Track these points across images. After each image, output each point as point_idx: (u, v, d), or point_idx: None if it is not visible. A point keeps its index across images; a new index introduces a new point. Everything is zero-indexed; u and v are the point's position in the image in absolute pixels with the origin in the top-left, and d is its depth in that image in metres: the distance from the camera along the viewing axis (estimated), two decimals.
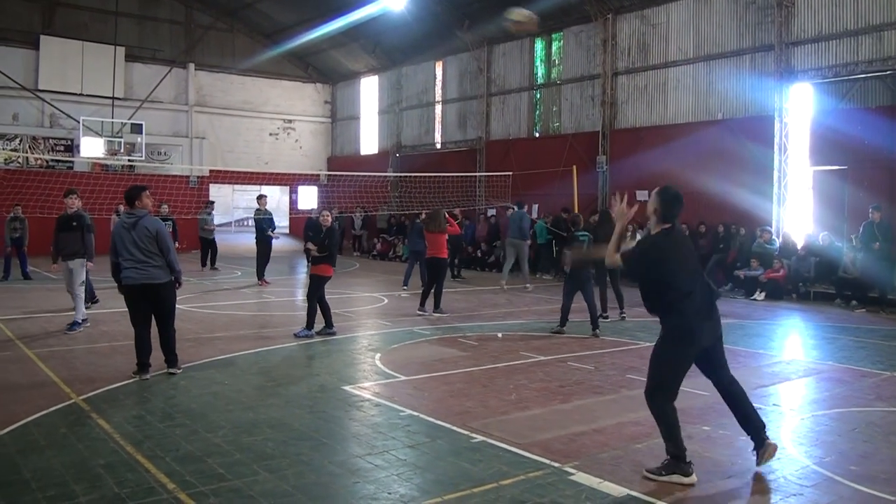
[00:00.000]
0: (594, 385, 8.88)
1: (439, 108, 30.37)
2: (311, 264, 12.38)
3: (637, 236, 21.57)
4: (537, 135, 26.20)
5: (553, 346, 11.47)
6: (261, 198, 20.55)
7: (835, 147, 17.91)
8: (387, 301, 16.68)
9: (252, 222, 23.95)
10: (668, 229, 5.93)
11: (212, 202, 25.27)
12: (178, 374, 9.24)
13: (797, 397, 8.71)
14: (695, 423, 7.21)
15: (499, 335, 12.34)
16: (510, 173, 25.10)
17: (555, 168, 23.50)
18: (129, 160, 29.68)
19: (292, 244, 31.59)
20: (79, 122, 28.39)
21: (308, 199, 35.45)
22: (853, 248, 16.96)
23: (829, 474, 5.92)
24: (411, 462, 6.13)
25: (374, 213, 30.31)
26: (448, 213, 21.04)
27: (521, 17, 15.15)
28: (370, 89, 34.40)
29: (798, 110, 19.05)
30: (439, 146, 30.28)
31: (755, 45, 19.50)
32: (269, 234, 19.74)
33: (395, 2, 25.60)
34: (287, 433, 6.88)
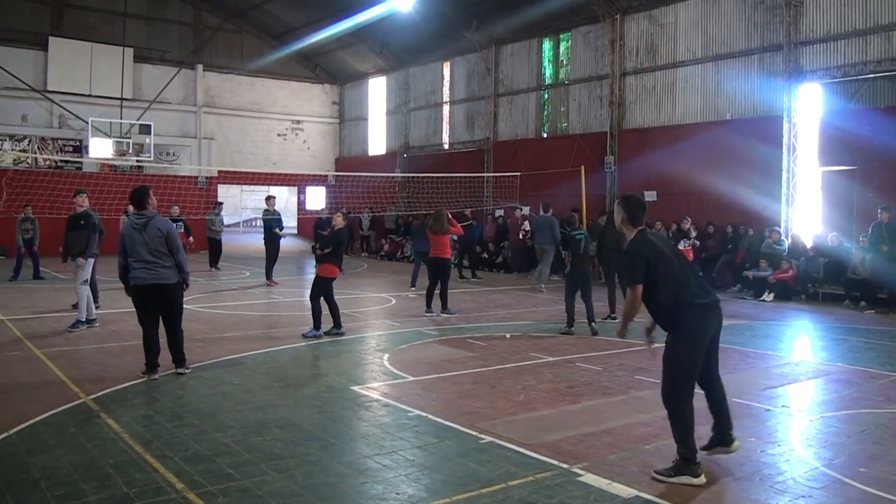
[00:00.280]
0: (603, 386, 8.87)
1: (447, 109, 30.37)
2: (317, 264, 12.43)
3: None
4: (545, 135, 26.18)
5: (561, 346, 11.46)
6: (269, 198, 20.64)
7: (844, 147, 17.86)
8: (395, 302, 16.68)
9: (260, 222, 23.98)
10: (641, 231, 6.08)
11: (220, 203, 25.32)
12: (186, 373, 9.27)
13: (806, 399, 8.68)
14: (702, 425, 7.16)
15: (507, 336, 12.33)
16: (518, 174, 25.08)
17: (563, 168, 23.46)
18: (138, 161, 29.77)
19: (300, 244, 31.63)
20: (87, 123, 28.51)
21: (316, 199, 35.50)
22: (862, 248, 16.91)
23: (838, 476, 5.90)
24: (419, 462, 6.13)
25: (381, 214, 30.31)
26: (459, 214, 21.23)
27: None
28: (378, 90, 34.43)
29: (807, 110, 18.99)
30: (447, 147, 30.28)
31: (763, 44, 19.45)
32: (276, 231, 19.75)
33: (402, 2, 25.59)
34: (296, 433, 6.89)
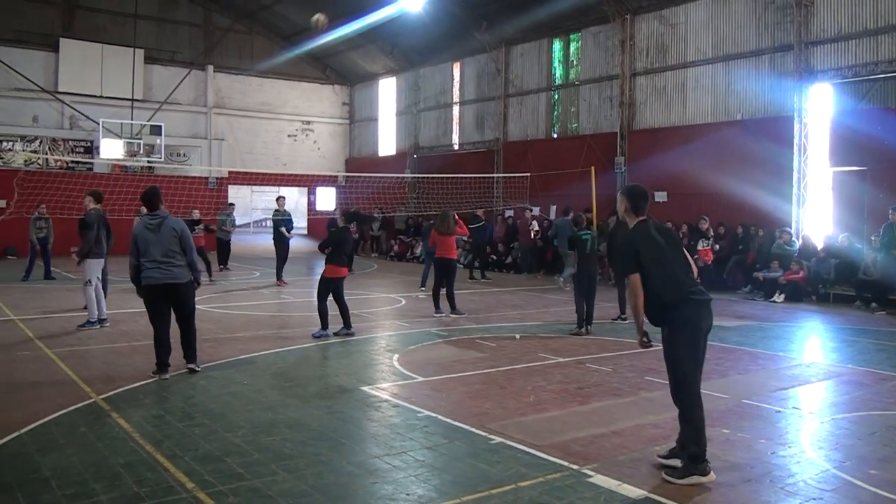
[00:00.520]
0: (612, 387, 8.86)
1: (457, 110, 30.37)
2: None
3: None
4: (555, 136, 26.16)
5: (571, 347, 11.44)
6: (279, 199, 20.70)
7: (854, 148, 17.79)
8: (404, 302, 16.70)
9: (270, 223, 24.02)
10: (643, 220, 6.21)
11: (232, 204, 25.39)
12: (198, 371, 9.32)
13: (816, 400, 8.65)
14: (714, 426, 7.17)
15: (516, 336, 12.32)
16: (528, 174, 25.07)
17: (573, 169, 23.43)
18: (149, 161, 29.89)
19: (311, 245, 31.65)
20: (98, 124, 28.63)
21: (326, 200, 35.55)
22: (873, 249, 16.85)
23: (848, 478, 5.88)
24: (429, 463, 6.13)
25: (391, 215, 30.33)
26: (471, 216, 21.28)
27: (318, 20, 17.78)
28: (388, 91, 34.46)
29: (817, 110, 18.92)
30: (457, 147, 30.29)
31: (774, 45, 19.39)
32: (282, 230, 19.77)
33: (412, 3, 25.61)
34: (305, 433, 6.90)
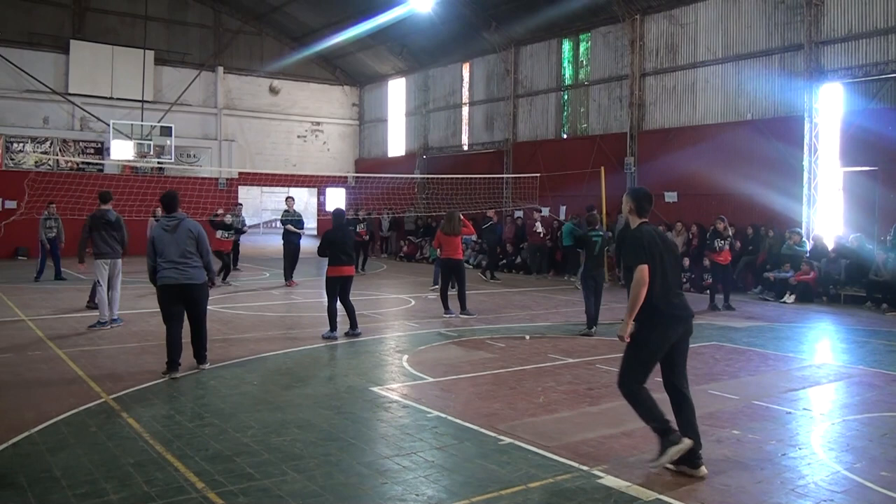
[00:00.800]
0: None
1: (466, 110, 30.36)
2: None
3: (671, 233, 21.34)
4: (565, 136, 26.13)
5: (581, 348, 11.43)
6: (288, 199, 20.71)
7: (865, 147, 17.71)
8: (414, 303, 16.70)
9: (278, 223, 24.03)
10: (645, 222, 6.34)
11: (239, 205, 25.41)
12: (206, 370, 9.40)
13: (827, 401, 8.62)
14: (724, 427, 7.16)
15: (526, 337, 12.31)
16: (538, 175, 25.06)
17: (582, 169, 23.42)
18: (159, 163, 29.98)
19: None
20: (109, 125, 28.72)
21: (336, 200, 35.59)
22: (884, 249, 16.78)
23: (859, 480, 5.85)
24: (439, 464, 6.13)
25: (400, 215, 30.34)
26: (482, 216, 21.29)
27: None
28: (397, 91, 34.48)
29: (828, 110, 18.84)
30: (466, 148, 30.27)
31: (784, 44, 19.32)
32: (289, 227, 19.76)
33: (421, 4, 25.63)
34: (315, 434, 6.91)
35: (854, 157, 18.12)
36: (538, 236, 23.44)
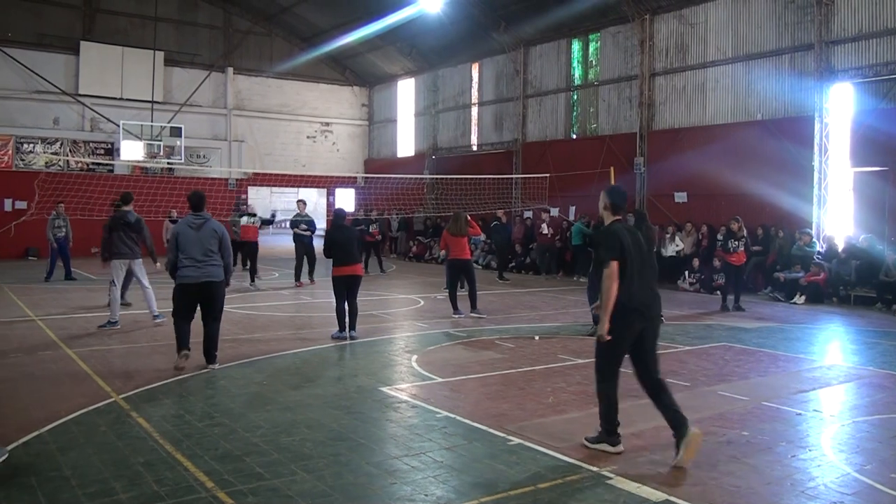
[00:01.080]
0: (632, 388, 8.72)
1: (475, 110, 30.35)
2: None
3: (676, 239, 21.38)
4: (574, 136, 26.10)
5: (590, 348, 11.25)
6: (300, 203, 20.69)
7: (876, 147, 17.63)
8: (423, 303, 16.70)
9: (286, 224, 24.05)
10: (618, 220, 6.70)
11: (243, 198, 25.39)
12: (215, 369, 9.47)
13: (837, 403, 8.59)
14: (734, 428, 7.14)
15: (535, 338, 12.30)
16: (547, 175, 25.03)
17: (592, 170, 23.38)
18: (169, 163, 30.04)
19: None
20: (119, 126, 28.79)
21: (345, 201, 35.62)
22: (895, 250, 16.70)
23: (869, 482, 5.82)
24: (448, 464, 6.13)
25: (409, 216, 30.33)
26: (493, 216, 21.16)
27: None
28: (406, 92, 34.50)
29: (838, 110, 18.77)
30: (475, 148, 30.26)
31: (794, 44, 19.25)
32: (298, 231, 19.78)
33: (431, 4, 25.64)
34: (325, 433, 6.92)
35: (865, 158, 18.05)
36: (546, 237, 23.42)
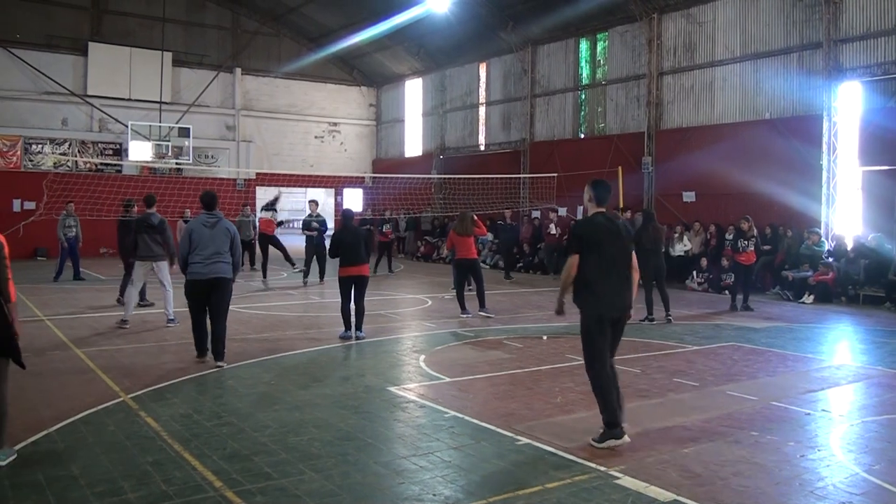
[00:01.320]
0: (640, 388, 8.81)
1: (483, 110, 30.34)
2: None
3: (684, 238, 21.30)
4: (582, 136, 26.06)
5: None
6: (312, 203, 20.73)
7: (885, 146, 17.56)
8: (431, 303, 16.70)
9: (298, 224, 24.04)
10: (600, 212, 6.96)
11: (246, 205, 25.43)
12: (224, 368, 9.54)
13: (846, 403, 8.56)
14: (743, 428, 7.12)
15: (543, 337, 12.28)
16: (555, 175, 25.00)
17: (600, 169, 23.32)
18: (177, 163, 30.10)
19: None
20: (127, 127, 28.89)
21: (353, 201, 35.64)
22: None
23: (878, 482, 5.81)
24: (456, 464, 6.13)
25: (417, 215, 30.30)
26: (500, 217, 21.05)
27: None
28: (414, 92, 34.49)
29: (847, 109, 18.71)
30: (483, 148, 30.25)
31: (803, 42, 19.19)
32: (306, 232, 19.81)
33: (438, 4, 25.63)
34: (333, 433, 6.93)
35: (873, 156, 17.99)
36: (554, 237, 23.39)
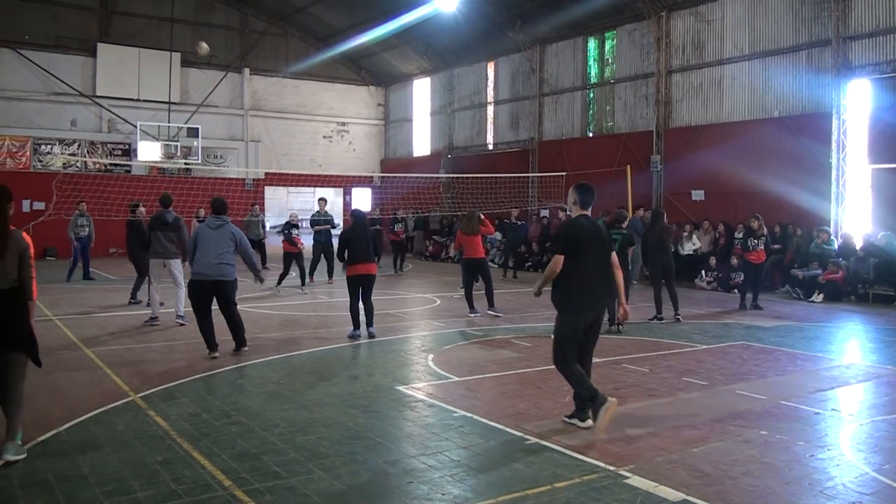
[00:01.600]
0: (649, 388, 8.79)
1: (491, 109, 30.32)
2: None
3: (693, 237, 21.24)
4: (591, 135, 26.03)
5: (607, 347, 11.35)
6: (321, 201, 20.77)
7: (894, 144, 17.48)
8: (439, 302, 16.70)
9: (305, 223, 24.07)
10: (582, 215, 7.31)
11: (255, 204, 25.48)
12: (235, 368, 9.72)
13: (856, 402, 8.53)
14: (752, 428, 7.10)
15: (552, 337, 12.22)
16: (563, 174, 24.94)
17: (609, 168, 23.29)
18: (186, 163, 30.17)
19: None
20: (136, 127, 28.97)
21: (362, 201, 35.67)
22: None
23: (888, 482, 5.78)
24: (465, 463, 6.13)
25: (425, 215, 30.29)
26: (506, 216, 21.06)
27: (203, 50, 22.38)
28: (422, 91, 34.49)
29: (856, 106, 18.63)
30: (491, 147, 30.24)
31: (812, 40, 19.12)
32: (317, 228, 19.82)
33: (446, 3, 25.62)
34: (341, 432, 6.93)
35: (883, 154, 17.92)
36: None
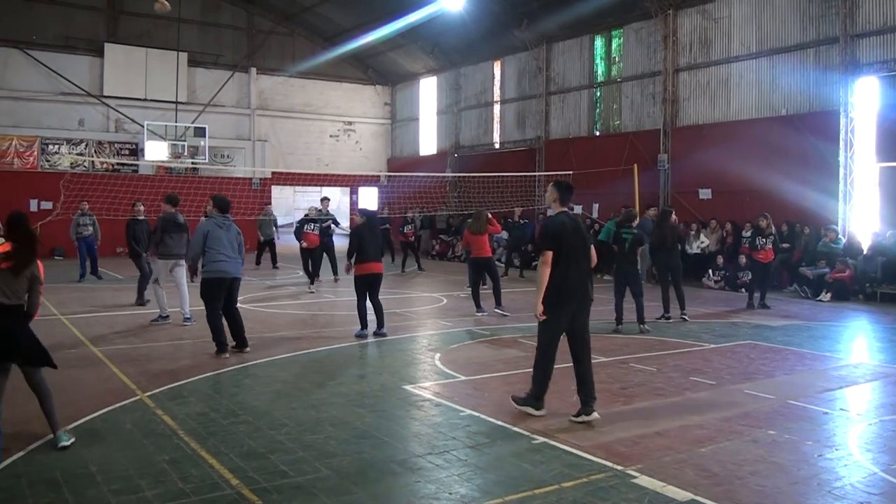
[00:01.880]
0: (656, 387, 8.77)
1: (498, 108, 30.30)
2: None
3: (701, 236, 21.18)
4: (598, 133, 26.00)
5: (614, 346, 11.35)
6: (324, 200, 20.78)
7: None
8: (446, 301, 16.69)
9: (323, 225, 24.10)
10: (564, 211, 7.49)
11: (268, 204, 25.52)
12: (240, 367, 9.73)
13: (864, 401, 8.50)
14: (760, 427, 7.08)
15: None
16: (570, 172, 24.89)
17: (615, 167, 23.27)
18: (193, 163, 30.20)
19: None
20: (143, 127, 28.99)
21: (369, 200, 35.67)
22: None
23: None
24: (472, 462, 6.12)
25: (432, 214, 30.27)
26: (510, 215, 21.03)
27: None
28: (429, 90, 34.49)
29: (864, 104, 18.56)
30: (498, 146, 30.22)
31: (819, 38, 19.06)
32: (324, 227, 19.81)
33: (452, 2, 25.60)
34: (349, 431, 6.93)
35: (891, 152, 17.86)
36: None
